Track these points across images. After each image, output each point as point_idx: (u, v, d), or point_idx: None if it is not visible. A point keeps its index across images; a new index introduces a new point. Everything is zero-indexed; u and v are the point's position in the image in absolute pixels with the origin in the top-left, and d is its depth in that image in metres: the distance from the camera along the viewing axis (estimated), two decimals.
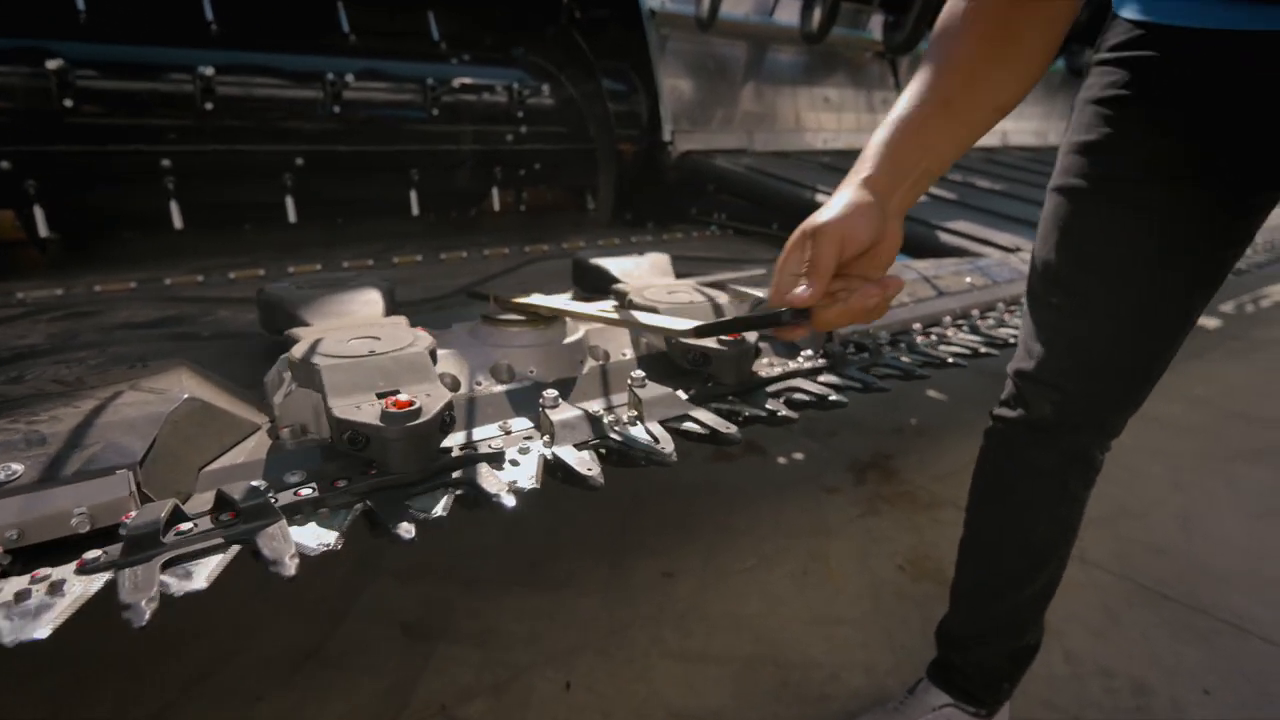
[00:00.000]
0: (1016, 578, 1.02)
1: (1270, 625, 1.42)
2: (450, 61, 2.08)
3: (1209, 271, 0.82)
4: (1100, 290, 0.84)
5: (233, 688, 1.26)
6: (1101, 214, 0.82)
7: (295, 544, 0.53)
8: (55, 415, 0.61)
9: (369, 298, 0.93)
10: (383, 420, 0.62)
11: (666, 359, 0.95)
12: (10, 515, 0.52)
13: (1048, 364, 0.89)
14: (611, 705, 1.23)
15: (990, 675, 1.09)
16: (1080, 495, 0.98)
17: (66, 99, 1.50)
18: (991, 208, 2.01)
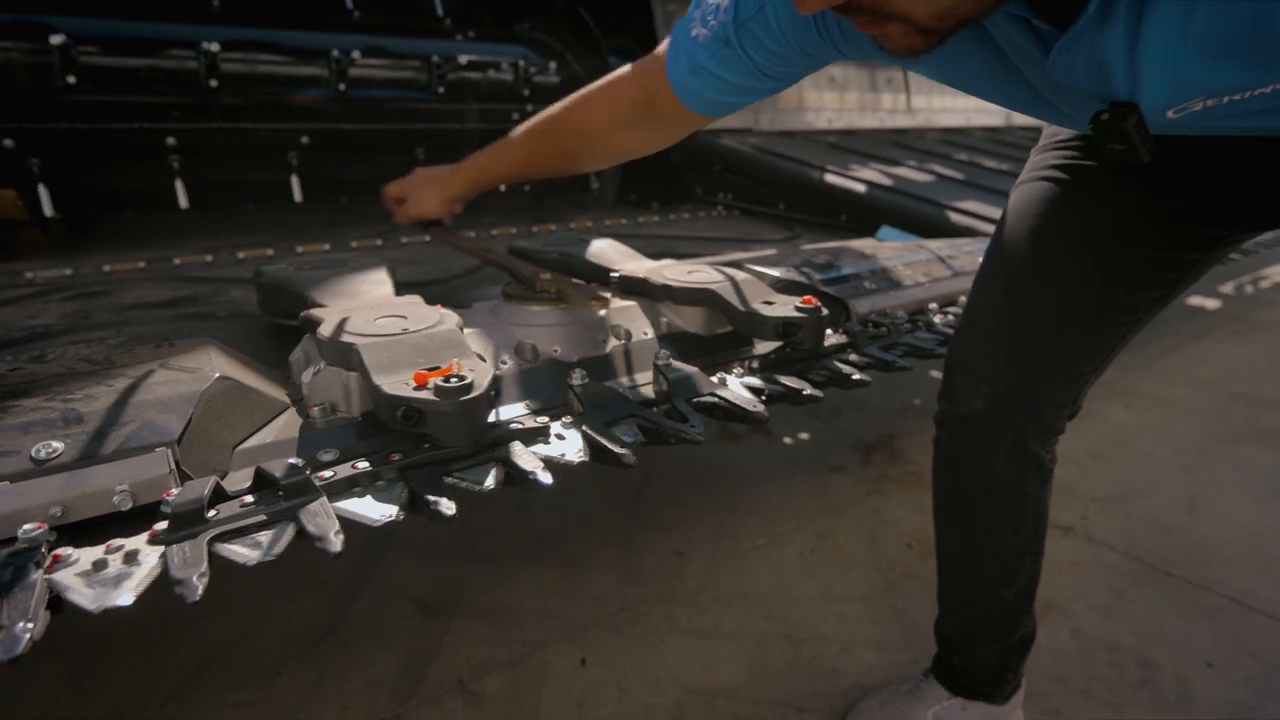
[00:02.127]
0: (995, 582, 1.01)
1: (1273, 602, 1.44)
2: (455, 38, 2.05)
3: (1153, 276, 0.82)
4: (1042, 281, 0.84)
5: (251, 664, 1.27)
6: (1049, 207, 0.83)
7: (360, 515, 0.54)
8: (90, 394, 0.60)
9: (377, 277, 0.93)
10: (437, 394, 0.62)
11: (690, 337, 0.95)
12: (54, 492, 0.52)
13: (980, 355, 0.88)
14: (626, 680, 1.25)
15: (991, 672, 1.08)
16: (1040, 495, 0.97)
17: (70, 75, 1.48)
18: (999, 187, 2.00)
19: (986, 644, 1.07)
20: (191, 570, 0.47)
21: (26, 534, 0.49)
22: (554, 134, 1.01)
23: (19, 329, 1.02)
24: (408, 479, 0.60)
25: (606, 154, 1.05)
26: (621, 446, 0.67)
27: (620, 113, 0.94)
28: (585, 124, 0.97)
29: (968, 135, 3.04)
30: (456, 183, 1.15)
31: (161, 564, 0.48)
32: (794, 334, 0.85)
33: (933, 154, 2.45)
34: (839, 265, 1.18)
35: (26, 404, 0.58)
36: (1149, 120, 0.60)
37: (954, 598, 1.07)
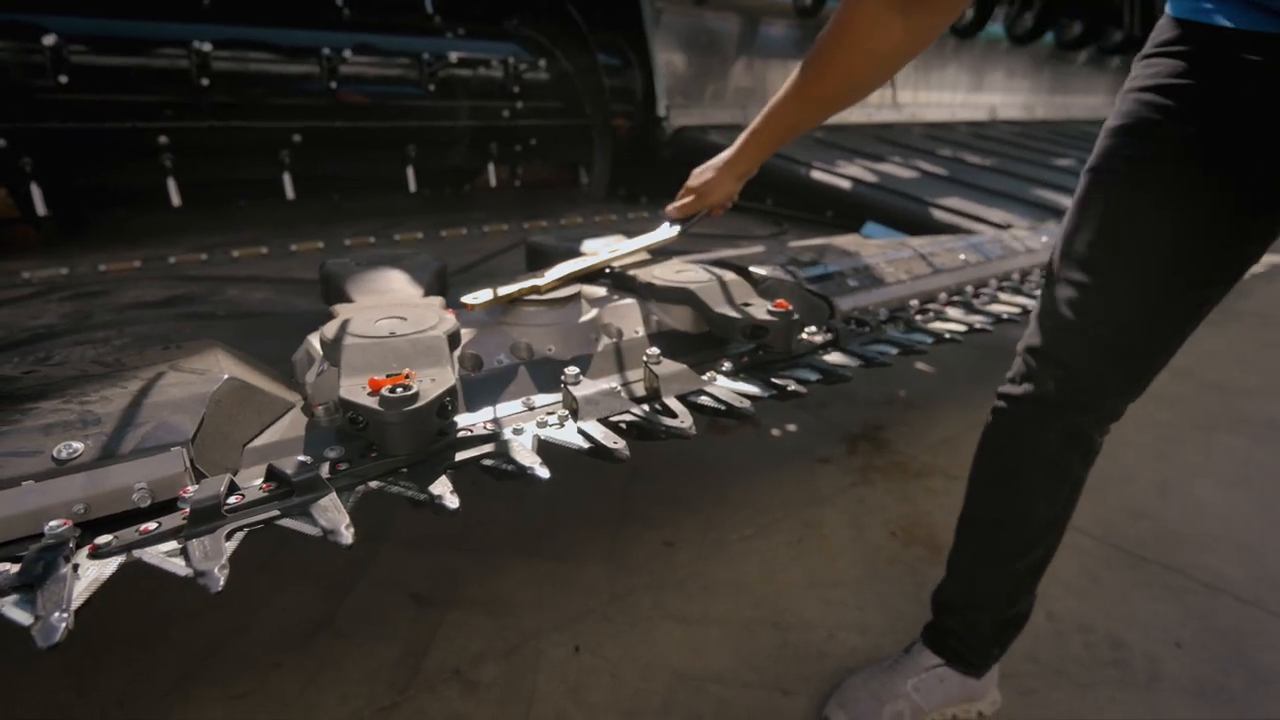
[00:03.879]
0: (1013, 552, 1.06)
1: (1241, 584, 1.50)
2: (445, 36, 2.06)
3: (1227, 264, 0.84)
4: (1117, 271, 0.86)
5: (249, 657, 1.30)
6: (1126, 196, 0.85)
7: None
8: (105, 396, 0.63)
9: (416, 278, 0.95)
10: (381, 404, 0.63)
11: (679, 335, 0.98)
12: (76, 491, 0.55)
13: (1057, 341, 0.92)
14: (619, 667, 1.28)
15: (982, 641, 1.14)
16: (1080, 476, 1.02)
17: (62, 75, 1.49)
18: (982, 184, 2.04)
19: (985, 612, 1.12)
20: (213, 563, 0.50)
21: (53, 530, 0.51)
22: (825, 72, 0.92)
23: (22, 330, 1.04)
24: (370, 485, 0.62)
25: (884, 65, 0.91)
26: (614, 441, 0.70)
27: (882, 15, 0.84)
28: (856, 46, 0.88)
29: (952, 130, 3.08)
30: (745, 160, 1.08)
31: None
32: (763, 336, 0.89)
33: (917, 149, 2.49)
34: (824, 263, 1.22)
35: (45, 406, 0.61)
36: None
37: (968, 561, 1.12)
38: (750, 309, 0.91)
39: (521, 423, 0.75)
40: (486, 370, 0.83)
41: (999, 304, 1.24)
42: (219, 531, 0.53)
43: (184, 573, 0.51)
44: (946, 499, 1.80)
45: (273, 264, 1.53)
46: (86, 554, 0.52)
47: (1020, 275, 1.40)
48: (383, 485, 0.63)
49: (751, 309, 0.91)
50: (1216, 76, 0.77)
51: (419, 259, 1.02)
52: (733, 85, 2.63)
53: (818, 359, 0.95)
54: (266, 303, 1.23)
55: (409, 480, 0.63)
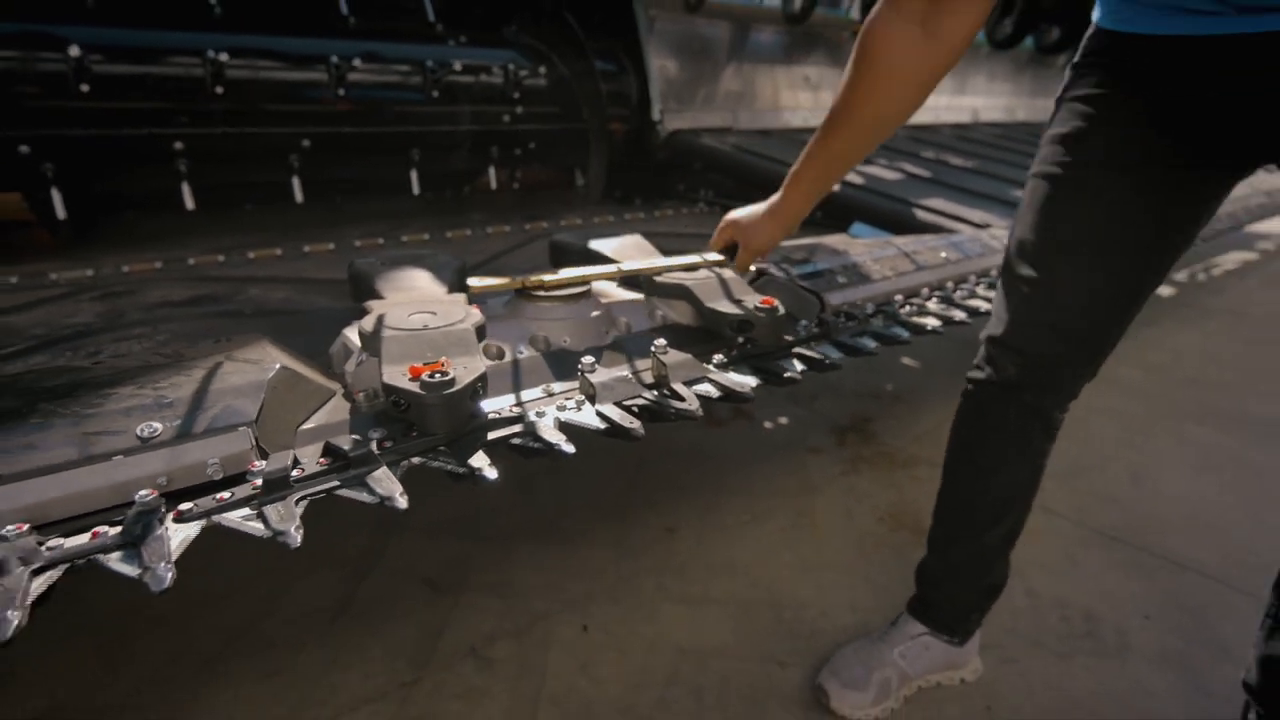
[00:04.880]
0: (983, 522, 1.15)
1: (1205, 562, 1.60)
2: (447, 43, 2.13)
3: (1155, 253, 0.93)
4: (1059, 265, 0.95)
5: (276, 637, 1.37)
6: (1068, 197, 0.93)
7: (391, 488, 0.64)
8: (173, 383, 0.70)
9: (439, 276, 1.02)
10: (423, 388, 0.71)
11: (681, 328, 1.06)
12: (159, 465, 0.62)
13: (1013, 330, 1.01)
14: (625, 644, 1.36)
15: (961, 608, 1.23)
16: (1041, 449, 1.10)
17: (84, 84, 1.54)
18: (964, 185, 2.14)
19: (961, 580, 1.21)
20: (289, 524, 0.57)
21: (143, 498, 0.58)
22: (854, 103, 0.93)
23: (62, 327, 1.11)
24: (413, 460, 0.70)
25: (912, 85, 0.91)
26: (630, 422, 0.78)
27: (907, 60, 0.87)
28: (880, 69, 0.88)
29: (936, 132, 3.18)
30: (789, 206, 1.11)
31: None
32: (749, 331, 0.97)
33: (902, 152, 2.58)
34: (815, 261, 1.30)
35: (122, 391, 0.68)
36: None
37: (945, 535, 1.21)
38: (743, 304, 0.99)
39: (543, 406, 0.82)
40: (509, 360, 0.90)
41: (977, 299, 1.33)
42: (290, 498, 0.60)
43: (263, 534, 0.58)
44: (930, 486, 1.87)
45: (288, 265, 1.59)
46: (172, 519, 0.59)
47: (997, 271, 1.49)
48: (424, 460, 0.71)
49: (742, 303, 0.99)
50: (1131, 82, 0.86)
51: (440, 258, 1.09)
52: (724, 89, 2.72)
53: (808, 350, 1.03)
54: (289, 301, 1.29)
55: (448, 456, 0.70)
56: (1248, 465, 2.04)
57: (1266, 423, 2.29)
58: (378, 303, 0.91)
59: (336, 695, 1.24)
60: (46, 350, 0.96)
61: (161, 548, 0.54)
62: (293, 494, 0.61)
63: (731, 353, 0.98)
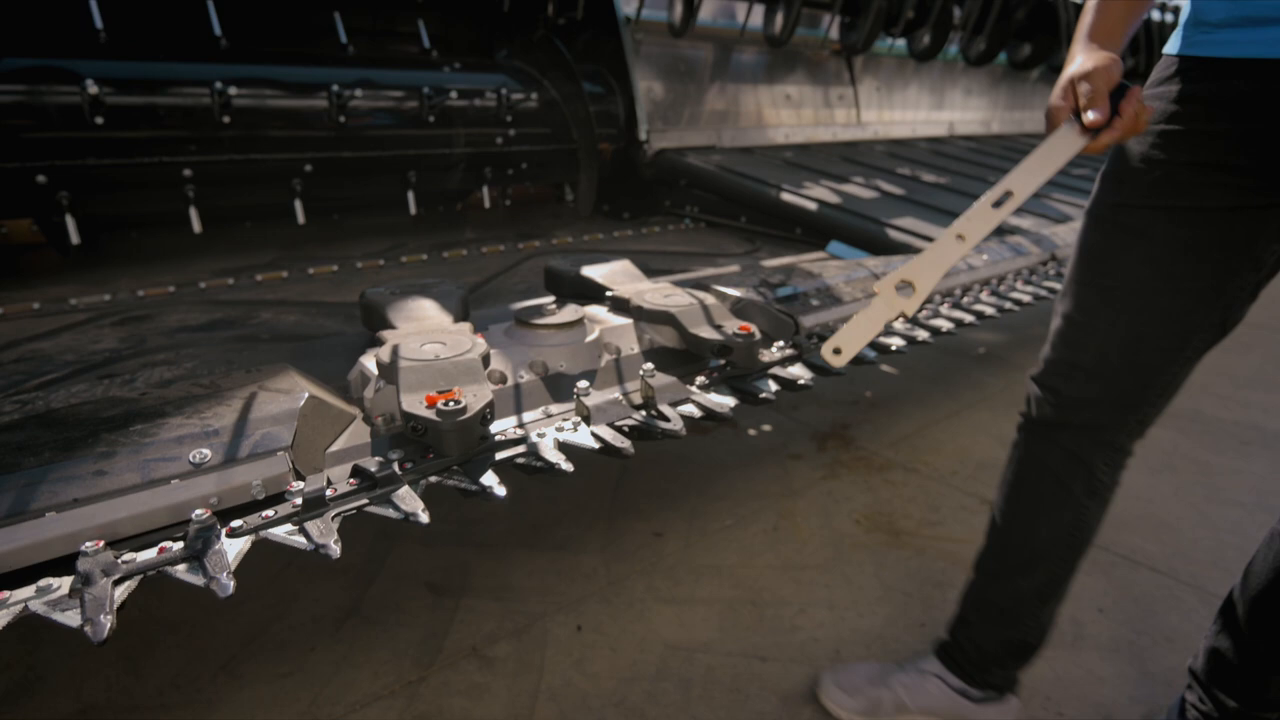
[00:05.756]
0: (1014, 566, 1.11)
1: (1156, 557, 1.72)
2: (443, 69, 2.22)
3: (1204, 297, 0.87)
4: (1102, 307, 0.91)
5: (288, 640, 1.45)
6: (1105, 237, 0.91)
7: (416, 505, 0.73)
8: (215, 413, 0.79)
9: (445, 305, 1.11)
10: (438, 415, 0.80)
11: (667, 351, 1.16)
12: (211, 487, 0.71)
13: (1050, 369, 1.00)
14: (617, 642, 1.46)
15: (981, 654, 1.18)
16: (1082, 504, 1.05)
17: (98, 117, 1.62)
18: (935, 203, 2.25)
19: (987, 626, 1.16)
20: (328, 538, 0.67)
21: (199, 517, 0.68)
22: None
23: (90, 353, 1.19)
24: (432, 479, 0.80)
25: None
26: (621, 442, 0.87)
27: None
28: None
29: (912, 147, 3.30)
30: (1122, 28, 0.88)
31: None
32: (728, 355, 1.07)
33: (878, 168, 2.70)
34: (791, 284, 1.41)
35: (173, 421, 0.76)
36: None
37: (978, 574, 1.18)
38: (723, 329, 1.09)
39: (543, 427, 0.92)
40: (511, 384, 1.00)
41: (940, 318, 1.44)
42: (327, 515, 0.70)
43: (306, 547, 0.67)
44: (904, 489, 2.00)
45: (295, 287, 1.68)
46: (225, 534, 0.68)
47: (961, 291, 1.60)
48: (440, 480, 0.80)
49: (723, 329, 1.09)
50: (1190, 113, 0.81)
51: (444, 287, 1.18)
52: (708, 109, 2.82)
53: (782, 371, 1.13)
54: (300, 325, 1.38)
55: (462, 475, 0.80)
56: (1201, 466, 2.16)
57: (1221, 426, 2.42)
58: (391, 333, 1.01)
59: (349, 693, 1.33)
60: (84, 377, 1.04)
61: (222, 559, 0.63)
62: (329, 511, 0.70)
63: (713, 374, 1.08)
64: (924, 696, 1.21)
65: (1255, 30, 0.77)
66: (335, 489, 0.75)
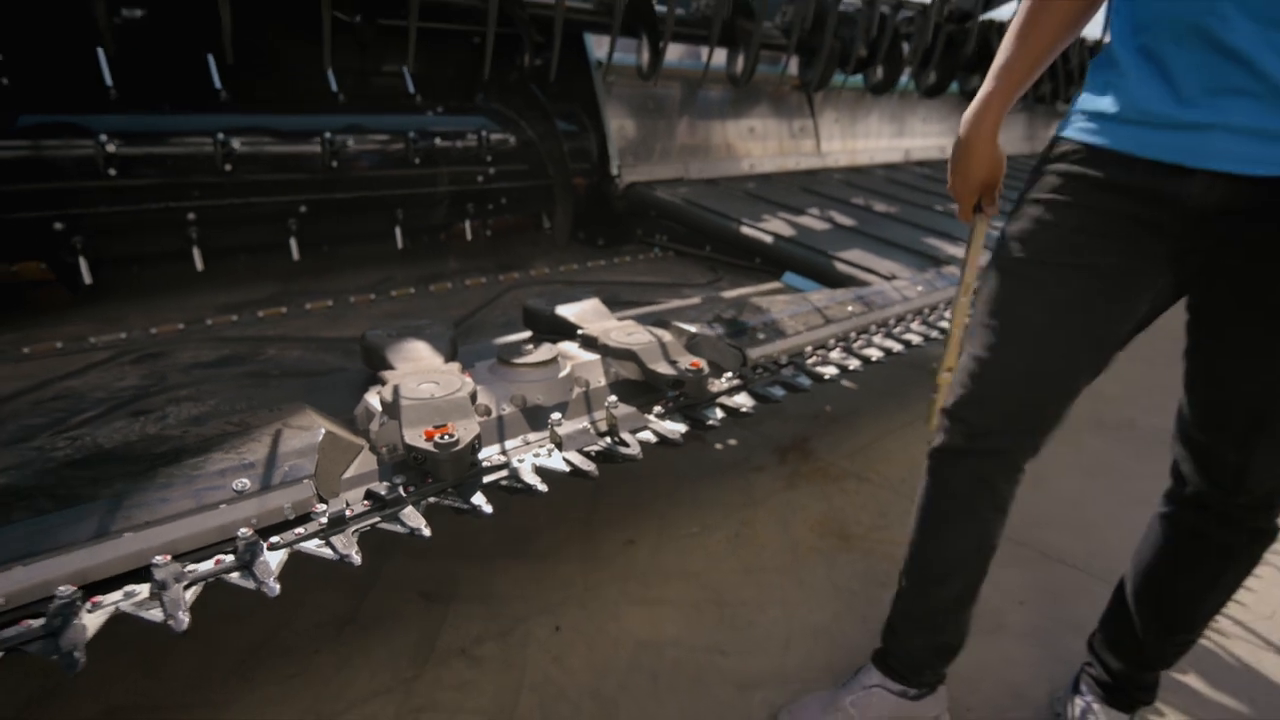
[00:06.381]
0: (933, 579, 1.24)
1: (1075, 554, 1.92)
2: (426, 114, 2.39)
3: (1090, 341, 1.02)
4: (999, 347, 1.05)
5: (292, 646, 1.60)
6: (1009, 287, 1.05)
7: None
8: (249, 448, 0.95)
9: (436, 346, 1.28)
10: (435, 447, 0.98)
11: (630, 383, 1.34)
12: (251, 510, 0.87)
13: (962, 403, 1.12)
14: (592, 640, 1.62)
15: (913, 659, 1.31)
16: (988, 518, 1.17)
17: (111, 169, 1.77)
18: (882, 234, 2.46)
19: (915, 634, 1.29)
20: (350, 550, 0.83)
21: (244, 536, 0.84)
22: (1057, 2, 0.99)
23: (118, 390, 1.34)
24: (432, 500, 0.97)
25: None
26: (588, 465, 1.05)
27: None
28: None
29: (869, 174, 3.52)
30: (997, 110, 1.06)
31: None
32: (681, 388, 1.25)
33: (834, 199, 2.91)
34: (741, 319, 1.59)
35: (215, 456, 0.93)
36: None
37: (903, 588, 1.30)
38: (677, 364, 1.27)
39: (523, 454, 1.09)
40: (495, 416, 1.17)
41: (872, 347, 1.63)
42: (348, 531, 0.86)
43: (332, 557, 0.83)
44: (857, 498, 2.20)
45: (294, 322, 1.83)
46: (266, 548, 0.84)
47: (895, 320, 1.80)
48: (438, 500, 0.97)
49: (678, 365, 1.27)
50: (1082, 190, 0.96)
51: (435, 329, 1.35)
52: (677, 144, 3.02)
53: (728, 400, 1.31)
54: (303, 361, 1.54)
55: (455, 496, 0.97)
56: (1127, 471, 2.38)
57: (1149, 433, 2.65)
58: (391, 373, 1.17)
59: (349, 690, 1.48)
60: (119, 414, 1.20)
61: (267, 568, 0.79)
62: (349, 528, 0.87)
63: (668, 404, 1.26)
64: (872, 708, 1.33)
65: (1129, 128, 0.93)
66: (352, 510, 0.92)
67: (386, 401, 1.08)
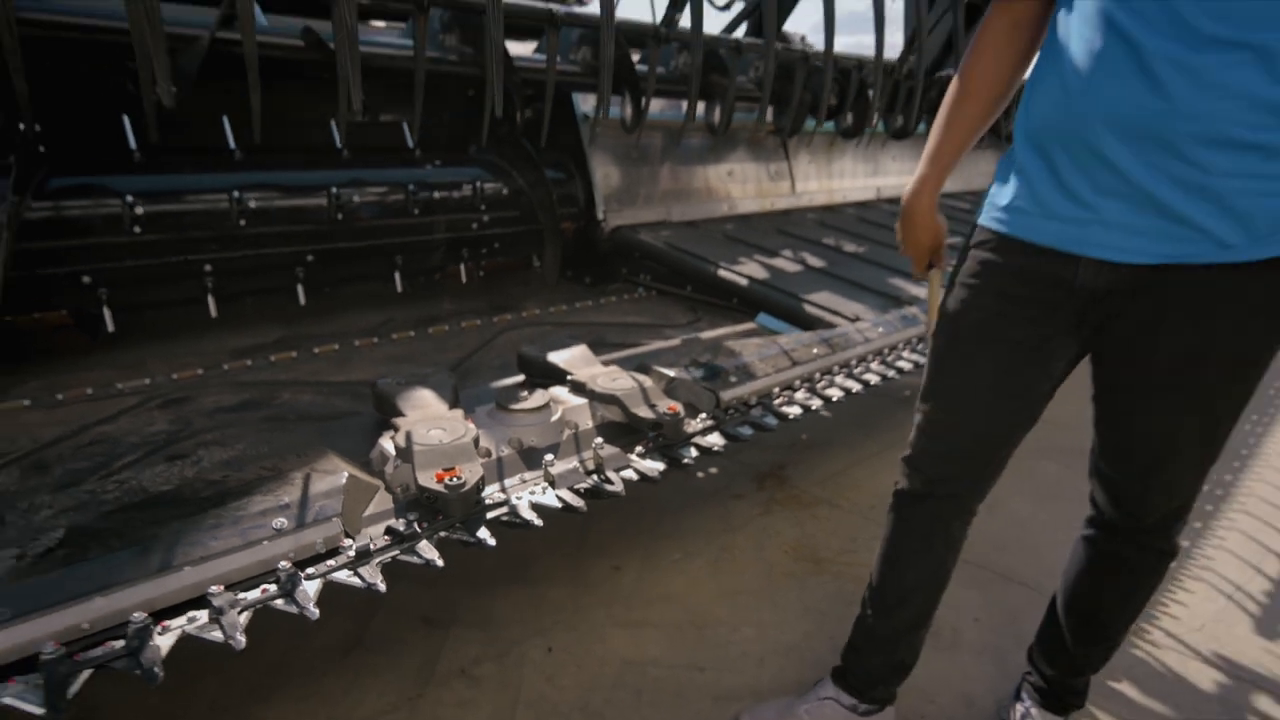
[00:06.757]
0: (892, 605, 1.39)
1: (1027, 574, 2.09)
2: (425, 166, 2.57)
3: (1019, 403, 1.19)
4: (951, 411, 1.23)
5: (303, 668, 1.72)
6: (947, 361, 1.23)
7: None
8: (285, 490, 1.10)
9: (440, 394, 1.43)
10: (445, 488, 1.13)
11: (615, 425, 1.49)
12: (289, 545, 1.02)
13: (917, 455, 1.30)
14: (581, 660, 1.76)
15: (869, 676, 1.45)
16: (942, 554, 1.34)
17: (135, 226, 1.93)
18: (850, 276, 2.65)
19: (873, 653, 1.43)
20: (376, 579, 0.98)
21: (285, 569, 0.98)
22: (969, 105, 1.17)
23: (152, 435, 1.48)
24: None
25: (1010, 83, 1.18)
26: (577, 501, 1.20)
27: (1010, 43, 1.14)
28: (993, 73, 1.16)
29: (840, 214, 3.73)
30: (931, 189, 1.26)
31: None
32: (660, 429, 1.42)
33: (807, 240, 3.11)
34: (716, 362, 1.76)
35: (255, 498, 1.07)
36: None
37: (865, 612, 1.45)
38: (656, 408, 1.43)
39: (520, 492, 1.24)
40: (495, 458, 1.32)
41: (834, 388, 1.80)
42: (373, 563, 1.01)
43: (360, 585, 0.98)
44: (828, 524, 2.36)
45: (304, 367, 1.98)
46: (304, 578, 0.99)
47: (857, 360, 1.98)
48: (447, 535, 1.12)
49: (657, 409, 1.43)
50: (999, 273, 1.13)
51: (438, 378, 1.50)
52: (659, 189, 3.21)
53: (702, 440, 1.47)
54: (315, 405, 1.68)
55: (463, 530, 1.12)
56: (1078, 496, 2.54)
57: None
58: (403, 420, 1.32)
59: (358, 710, 1.61)
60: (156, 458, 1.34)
61: (306, 595, 0.94)
62: (373, 559, 1.02)
63: (649, 445, 1.42)
64: (824, 718, 1.46)
65: (1029, 219, 1.09)
66: (374, 544, 1.06)
67: (400, 446, 1.23)
